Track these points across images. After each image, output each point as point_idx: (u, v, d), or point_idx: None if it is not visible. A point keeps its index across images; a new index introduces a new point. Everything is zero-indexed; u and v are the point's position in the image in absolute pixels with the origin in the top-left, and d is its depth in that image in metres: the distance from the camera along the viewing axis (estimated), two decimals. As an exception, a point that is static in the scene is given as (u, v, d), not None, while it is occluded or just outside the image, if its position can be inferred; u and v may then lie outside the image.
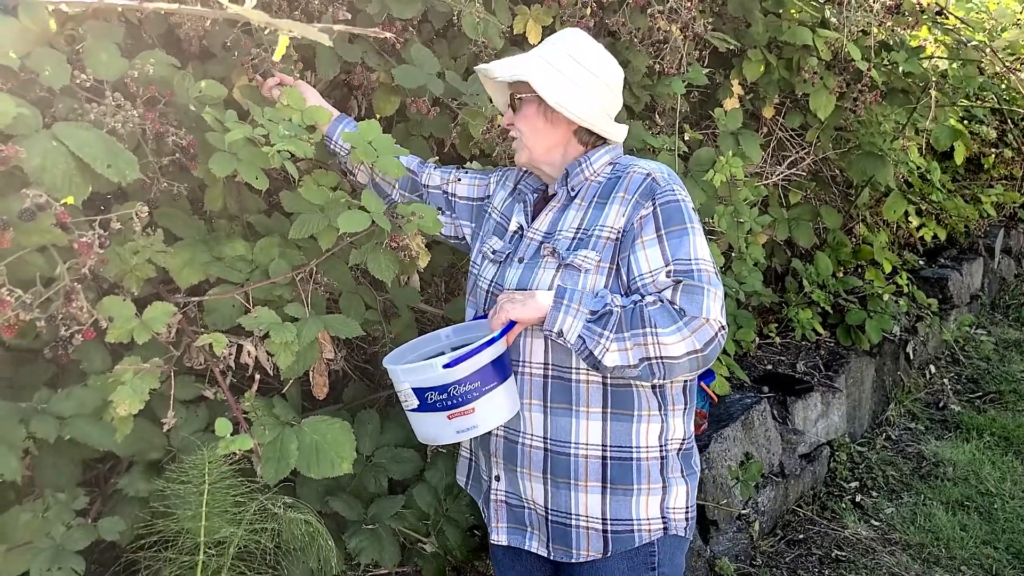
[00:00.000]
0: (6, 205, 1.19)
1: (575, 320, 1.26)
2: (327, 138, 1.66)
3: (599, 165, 1.43)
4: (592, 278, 1.33)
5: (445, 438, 1.31)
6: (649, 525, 1.38)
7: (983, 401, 3.86)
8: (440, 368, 1.25)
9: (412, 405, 1.30)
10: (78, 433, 1.32)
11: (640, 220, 1.32)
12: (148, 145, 1.45)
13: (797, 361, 3.34)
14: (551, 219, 1.43)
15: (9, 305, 1.15)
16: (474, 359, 1.25)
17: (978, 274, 4.86)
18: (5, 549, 1.26)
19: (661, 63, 2.37)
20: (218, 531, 1.32)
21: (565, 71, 1.37)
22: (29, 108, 1.22)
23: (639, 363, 1.25)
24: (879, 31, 2.92)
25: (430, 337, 1.48)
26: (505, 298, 1.33)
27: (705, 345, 1.24)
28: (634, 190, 1.35)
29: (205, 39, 1.64)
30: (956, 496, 3.03)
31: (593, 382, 1.35)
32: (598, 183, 1.41)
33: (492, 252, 1.48)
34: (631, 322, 1.24)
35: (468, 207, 1.64)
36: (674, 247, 1.29)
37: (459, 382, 1.25)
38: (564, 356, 1.35)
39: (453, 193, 1.65)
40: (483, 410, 1.28)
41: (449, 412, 1.27)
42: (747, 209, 2.67)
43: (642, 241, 1.31)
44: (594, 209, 1.38)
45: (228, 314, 1.51)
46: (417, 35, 2.01)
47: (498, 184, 1.60)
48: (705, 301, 1.25)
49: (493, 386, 1.28)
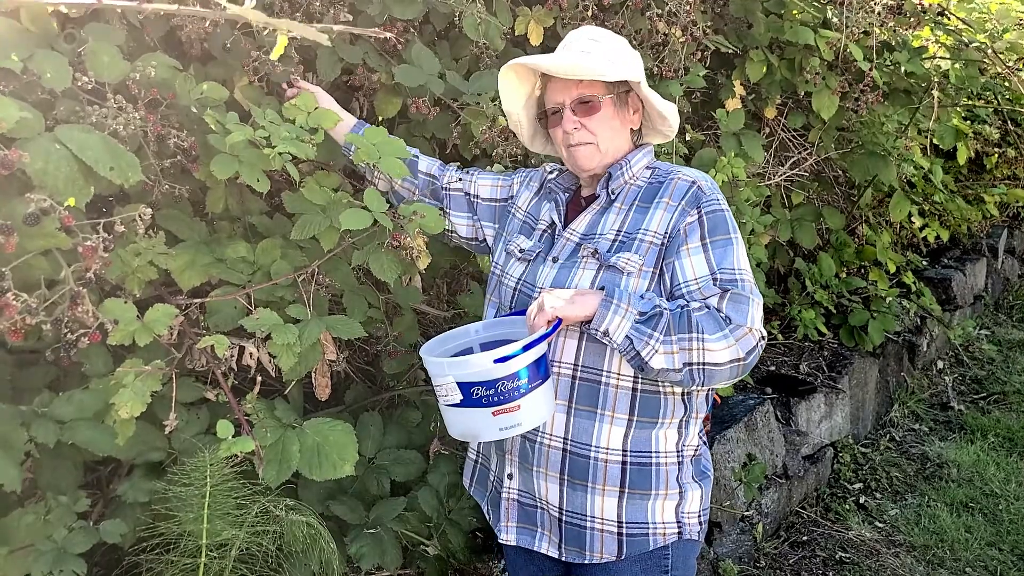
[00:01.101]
0: (10, 209, 1.19)
1: (623, 320, 1.25)
2: (346, 148, 1.65)
3: (638, 168, 1.43)
4: (635, 281, 1.33)
5: (487, 435, 1.28)
6: (664, 529, 1.38)
7: (987, 402, 3.85)
8: (491, 363, 1.23)
9: (454, 400, 1.27)
10: (79, 438, 1.32)
11: (685, 227, 1.33)
12: (150, 147, 1.45)
13: (800, 362, 3.33)
14: (590, 220, 1.42)
15: (15, 309, 1.15)
16: (525, 355, 1.24)
17: (981, 274, 4.85)
18: (7, 552, 1.26)
19: (661, 66, 2.37)
20: (220, 533, 1.32)
21: (629, 69, 1.39)
22: (31, 111, 1.22)
23: (683, 367, 1.25)
24: (881, 31, 2.91)
25: (459, 332, 1.47)
26: (549, 296, 1.29)
27: (747, 353, 1.26)
28: (680, 197, 1.35)
29: (206, 41, 1.65)
30: (961, 497, 3.02)
31: (623, 387, 1.34)
32: (638, 187, 1.41)
33: (520, 251, 1.47)
34: (679, 326, 1.24)
35: (491, 208, 1.63)
36: (719, 256, 1.30)
37: (508, 378, 1.23)
38: (596, 359, 1.34)
39: (476, 195, 1.63)
40: (527, 408, 1.26)
41: (495, 408, 1.24)
42: (749, 209, 2.66)
43: (687, 248, 1.32)
44: (636, 213, 1.38)
45: (230, 316, 1.51)
46: (418, 36, 2.01)
47: (522, 185, 1.59)
48: (750, 310, 1.27)
49: (538, 384, 1.27)
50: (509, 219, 1.57)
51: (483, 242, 1.64)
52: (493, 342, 1.41)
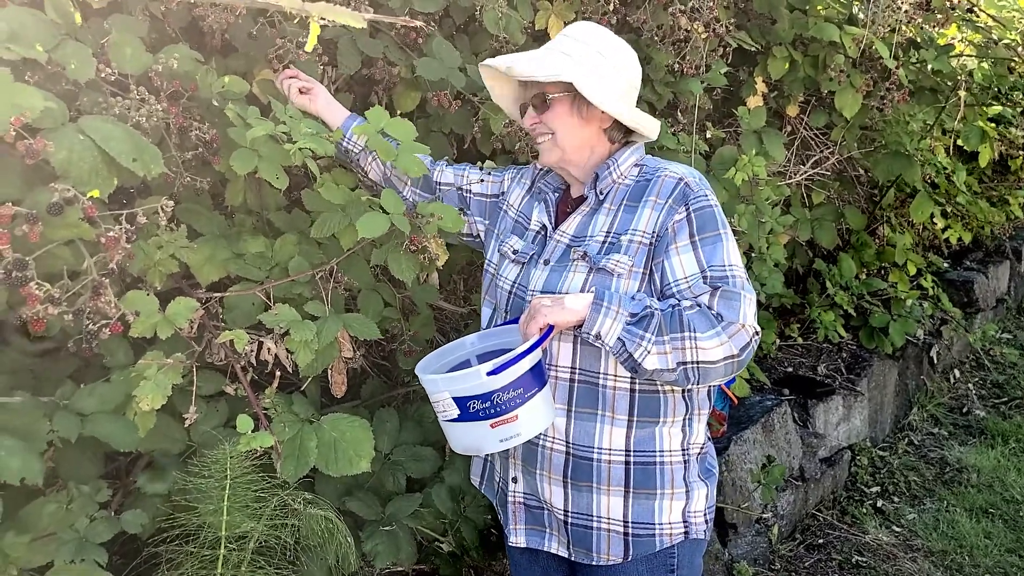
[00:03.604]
0: (34, 199, 1.19)
1: (614, 322, 1.24)
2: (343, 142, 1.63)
3: (626, 167, 1.41)
4: (625, 283, 1.31)
5: (488, 448, 1.27)
6: (671, 529, 1.37)
7: (1008, 407, 3.79)
8: (484, 376, 1.21)
9: (451, 415, 1.26)
10: (100, 431, 1.32)
11: (674, 226, 1.31)
12: (172, 139, 1.46)
13: (818, 364, 3.30)
14: (579, 222, 1.40)
15: (38, 299, 1.16)
16: (518, 365, 1.23)
17: (1004, 277, 4.78)
18: (30, 539, 1.27)
19: (682, 62, 2.34)
20: (239, 526, 1.32)
21: (597, 68, 1.35)
22: (56, 102, 1.23)
23: (676, 367, 1.24)
24: (908, 28, 2.86)
25: (455, 345, 1.46)
26: (539, 302, 1.29)
27: (741, 350, 1.25)
28: (667, 195, 1.33)
29: (228, 32, 1.64)
30: (980, 503, 2.98)
31: (620, 388, 1.33)
32: (626, 186, 1.39)
33: (513, 252, 1.46)
34: (670, 326, 1.23)
35: (482, 203, 1.62)
36: (708, 253, 1.29)
37: (503, 389, 1.22)
38: (593, 361, 1.33)
39: (468, 190, 1.63)
40: (526, 417, 1.25)
41: (492, 420, 1.23)
42: (769, 208, 2.63)
43: (676, 247, 1.30)
44: (624, 212, 1.36)
45: (249, 311, 1.51)
46: (438, 30, 2.00)
47: (514, 181, 1.58)
48: (742, 306, 1.25)
49: (534, 392, 1.26)
50: (501, 216, 1.56)
51: (477, 237, 1.64)
52: (489, 353, 1.40)
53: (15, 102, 1.12)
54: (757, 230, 2.62)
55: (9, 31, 1.22)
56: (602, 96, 1.33)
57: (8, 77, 1.14)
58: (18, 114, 1.11)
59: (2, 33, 1.21)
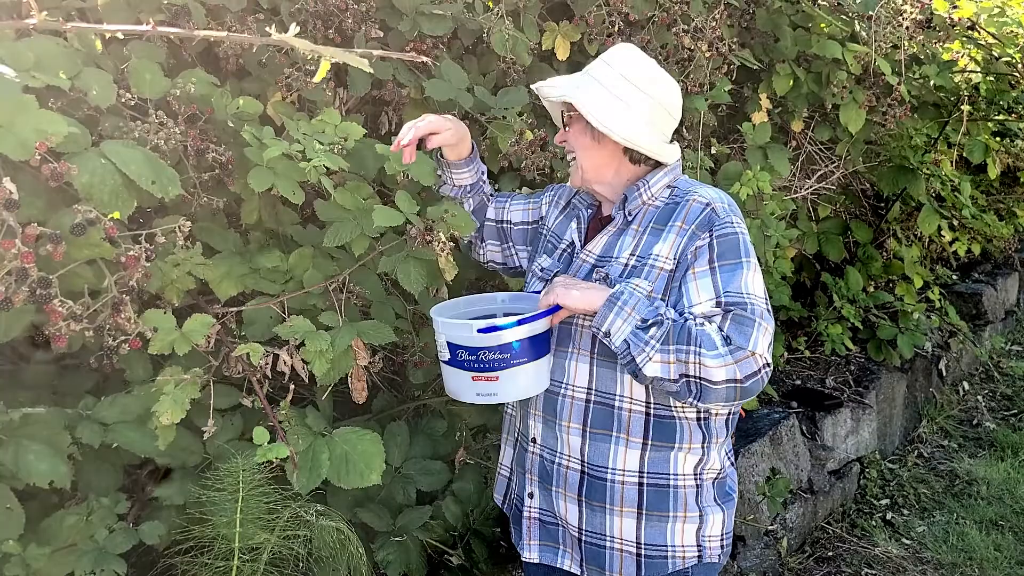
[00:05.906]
0: (58, 220, 1.24)
1: (624, 324, 1.25)
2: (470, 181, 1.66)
3: (657, 189, 1.39)
4: None
5: (466, 397, 1.35)
6: (684, 552, 1.37)
7: (1018, 419, 3.77)
8: (474, 331, 1.28)
9: (444, 357, 1.35)
10: (122, 439, 1.36)
11: (695, 251, 1.30)
12: (189, 161, 1.50)
13: (827, 376, 3.30)
14: (606, 243, 1.41)
15: (61, 316, 1.20)
16: (508, 331, 1.28)
17: (1013, 289, 4.77)
18: (51, 550, 1.30)
19: (686, 80, 2.38)
20: (252, 537, 1.35)
21: (614, 89, 1.35)
22: (79, 127, 1.27)
23: (678, 378, 1.22)
24: (910, 44, 2.89)
25: (487, 297, 1.53)
26: (561, 281, 1.33)
27: (747, 377, 1.21)
28: (692, 220, 1.32)
29: (242, 58, 1.70)
30: (990, 515, 2.97)
31: (636, 411, 1.34)
32: (655, 208, 1.38)
33: (540, 270, 1.49)
34: (678, 336, 1.22)
35: (523, 232, 1.64)
36: (726, 279, 1.27)
37: (489, 349, 1.28)
38: (609, 383, 1.35)
39: (508, 220, 1.65)
40: (506, 381, 1.31)
41: (474, 374, 1.31)
42: (775, 222, 2.65)
43: (694, 272, 1.29)
44: (649, 235, 1.35)
45: (267, 325, 1.54)
46: (447, 52, 2.05)
47: (551, 205, 1.60)
48: (754, 334, 1.22)
49: (522, 362, 1.30)
50: (541, 240, 1.58)
51: (517, 267, 1.67)
52: (513, 313, 1.44)
53: (40, 128, 1.17)
54: (763, 244, 2.64)
55: (35, 59, 1.27)
56: (606, 118, 1.32)
57: (34, 104, 1.19)
58: (43, 139, 1.16)
59: (28, 61, 1.26)
